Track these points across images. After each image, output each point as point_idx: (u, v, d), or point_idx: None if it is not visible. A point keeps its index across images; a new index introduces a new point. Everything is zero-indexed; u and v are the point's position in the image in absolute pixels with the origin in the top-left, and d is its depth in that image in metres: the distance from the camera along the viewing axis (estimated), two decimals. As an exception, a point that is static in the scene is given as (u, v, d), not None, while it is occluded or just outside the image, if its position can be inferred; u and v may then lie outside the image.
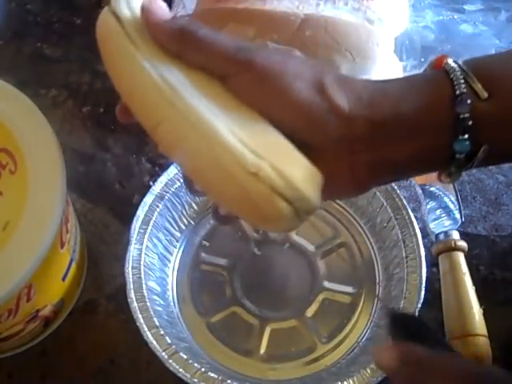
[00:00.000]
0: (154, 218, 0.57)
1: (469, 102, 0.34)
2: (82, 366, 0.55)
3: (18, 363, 0.55)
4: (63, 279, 0.53)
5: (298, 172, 0.34)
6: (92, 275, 0.59)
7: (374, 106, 0.35)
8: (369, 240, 0.59)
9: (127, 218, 0.58)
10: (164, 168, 0.61)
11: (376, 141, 0.35)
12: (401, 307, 0.52)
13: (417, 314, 0.51)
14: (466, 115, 0.34)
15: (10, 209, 0.46)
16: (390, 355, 0.34)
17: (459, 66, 0.36)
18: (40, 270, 0.45)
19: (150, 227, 0.56)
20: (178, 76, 0.35)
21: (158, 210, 0.57)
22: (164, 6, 0.36)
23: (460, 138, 0.35)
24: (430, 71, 0.38)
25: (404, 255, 0.54)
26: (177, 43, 0.35)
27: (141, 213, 0.56)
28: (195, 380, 0.49)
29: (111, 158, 0.65)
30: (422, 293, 0.52)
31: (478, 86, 0.35)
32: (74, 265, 0.54)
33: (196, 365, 0.50)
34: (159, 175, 0.59)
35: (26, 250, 0.44)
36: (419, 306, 0.51)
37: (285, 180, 0.33)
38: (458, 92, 0.35)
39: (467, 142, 0.35)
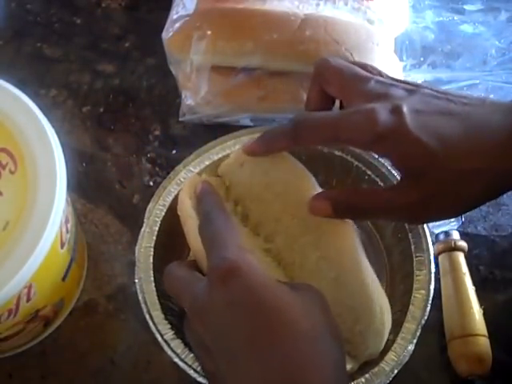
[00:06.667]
0: None
1: None
2: (82, 365, 0.55)
3: (18, 363, 0.55)
4: (63, 279, 0.53)
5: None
6: (92, 275, 0.59)
7: None
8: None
9: (127, 217, 0.58)
10: (164, 168, 0.61)
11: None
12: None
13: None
14: None
15: (10, 209, 0.46)
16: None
17: None
18: (40, 270, 0.45)
19: None
20: None
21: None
22: None
23: None
24: None
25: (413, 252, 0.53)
26: None
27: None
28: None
29: (111, 157, 0.65)
30: (432, 286, 0.51)
31: None
32: (74, 265, 0.54)
33: None
34: (159, 175, 0.59)
35: (26, 250, 0.44)
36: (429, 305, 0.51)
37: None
38: None
39: None
